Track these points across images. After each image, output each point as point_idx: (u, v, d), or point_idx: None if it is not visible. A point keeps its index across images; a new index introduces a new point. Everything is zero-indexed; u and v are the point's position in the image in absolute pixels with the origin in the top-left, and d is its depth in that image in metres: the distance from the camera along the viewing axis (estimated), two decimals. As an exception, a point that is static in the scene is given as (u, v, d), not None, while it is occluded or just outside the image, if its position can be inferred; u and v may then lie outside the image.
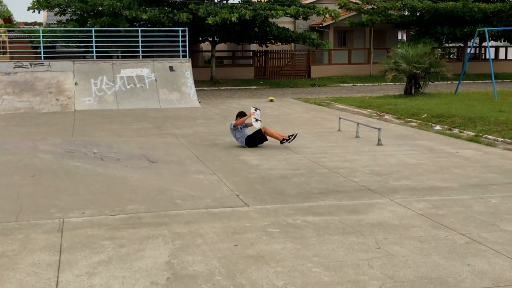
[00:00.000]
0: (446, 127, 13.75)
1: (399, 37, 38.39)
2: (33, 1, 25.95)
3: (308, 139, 12.05)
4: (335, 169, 9.05)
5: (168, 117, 16.20)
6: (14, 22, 37.03)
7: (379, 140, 11.45)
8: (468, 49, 29.70)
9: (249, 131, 11.40)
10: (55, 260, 5.19)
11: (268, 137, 11.25)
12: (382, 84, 28.89)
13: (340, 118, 13.66)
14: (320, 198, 7.32)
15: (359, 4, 31.91)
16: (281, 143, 11.25)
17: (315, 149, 10.85)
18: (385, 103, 18.40)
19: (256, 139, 11.22)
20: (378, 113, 16.78)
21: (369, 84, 29.71)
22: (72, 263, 5.13)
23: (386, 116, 16.10)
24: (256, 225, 6.19)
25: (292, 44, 32.33)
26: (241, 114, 11.32)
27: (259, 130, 11.18)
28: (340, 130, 13.31)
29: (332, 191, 7.68)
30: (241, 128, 11.30)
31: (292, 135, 11.29)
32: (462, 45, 34.76)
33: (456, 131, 13.20)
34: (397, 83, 26.60)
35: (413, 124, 14.57)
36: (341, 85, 29.70)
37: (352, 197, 7.40)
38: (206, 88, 26.78)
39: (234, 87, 28.17)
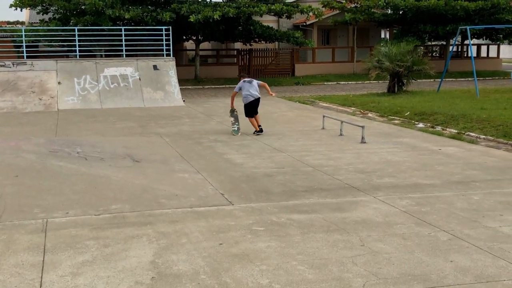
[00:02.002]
0: (429, 124, 13.86)
1: (382, 36, 38.58)
2: (15, -1, 25.70)
3: (292, 137, 12.08)
4: (319, 167, 9.08)
5: (152, 116, 16.14)
6: (-4, 21, 36.62)
7: (362, 138, 11.51)
8: (451, 47, 29.98)
9: (250, 95, 12.78)
10: (39, 261, 5.16)
11: (249, 120, 12.91)
12: (366, 82, 29.04)
13: (324, 116, 13.70)
14: (305, 196, 7.35)
15: (342, 2, 32.00)
16: (254, 132, 12.69)
17: (299, 147, 10.88)
18: (368, 101, 18.49)
19: (251, 110, 12.88)
20: (362, 111, 16.86)
21: (352, 82, 29.83)
22: (56, 264, 5.09)
23: (370, 114, 16.19)
24: (241, 224, 6.19)
25: (276, 42, 32.34)
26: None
27: (255, 103, 12.84)
28: (324, 128, 13.35)
29: (316, 189, 7.71)
30: (250, 83, 12.89)
31: (261, 128, 12.76)
32: (444, 43, 35.03)
33: (438, 128, 13.31)
34: (380, 81, 26.75)
35: (396, 122, 14.66)
36: (325, 83, 29.79)
37: (336, 195, 7.43)
38: (190, 87, 26.72)
39: (218, 86, 28.13)
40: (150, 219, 6.39)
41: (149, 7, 27.15)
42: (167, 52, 20.80)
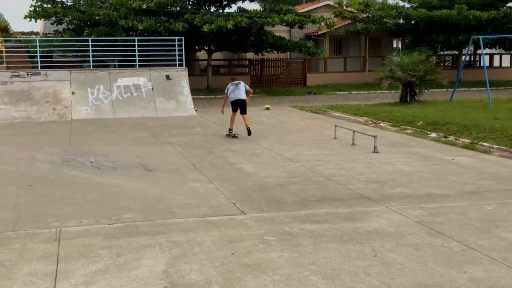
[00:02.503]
0: (441, 134, 13.79)
1: (394, 45, 38.54)
2: (30, 10, 26.00)
3: (304, 147, 12.07)
4: (332, 177, 9.06)
5: (165, 125, 16.21)
6: (11, 32, 37.04)
7: (375, 147, 11.47)
8: (463, 57, 29.86)
9: (237, 94, 14.03)
10: (52, 270, 5.18)
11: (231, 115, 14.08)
12: (378, 92, 28.98)
13: (336, 126, 13.69)
14: (317, 206, 7.33)
15: (354, 12, 32.03)
16: (227, 132, 13.99)
17: (312, 157, 10.87)
18: (380, 111, 18.44)
19: (235, 106, 14.16)
20: (374, 120, 16.82)
21: (364, 92, 29.79)
22: (69, 273, 5.11)
23: (382, 124, 16.14)
24: (253, 233, 6.19)
25: (288, 52, 32.41)
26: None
27: (243, 103, 14.11)
28: (336, 137, 13.33)
29: (328, 199, 7.69)
30: (236, 85, 14.14)
31: (232, 134, 13.86)
32: (457, 52, 34.92)
33: (451, 138, 13.24)
34: (392, 91, 26.66)
35: (409, 131, 14.61)
36: (337, 93, 29.77)
37: (348, 204, 7.41)
38: (202, 97, 26.81)
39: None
40: (162, 228, 6.40)
41: (162, 17, 27.35)
42: (180, 62, 20.91)
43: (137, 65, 20.87)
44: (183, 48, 20.91)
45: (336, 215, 6.90)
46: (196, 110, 19.68)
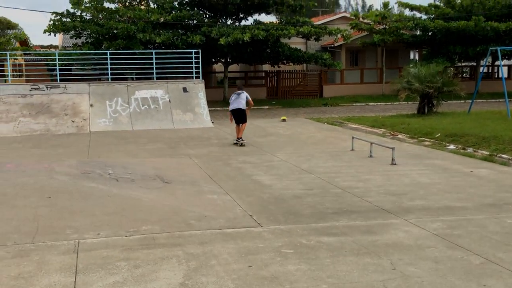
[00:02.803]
0: (460, 146, 13.67)
1: (411, 57, 38.40)
2: (49, 24, 26.38)
3: (321, 159, 12.04)
4: (349, 189, 9.02)
5: (182, 137, 16.28)
6: (30, 45, 37.54)
7: (392, 159, 11.41)
8: (481, 68, 29.63)
9: (237, 103, 14.69)
10: (71, 282, 5.21)
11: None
12: (395, 103, 28.85)
13: (353, 138, 13.64)
14: (334, 218, 7.29)
15: (370, 24, 32.02)
16: (236, 141, 14.48)
17: (329, 169, 10.83)
18: (398, 123, 18.35)
19: (235, 117, 14.80)
20: (392, 132, 16.73)
21: (381, 104, 29.68)
22: (87, 284, 5.14)
23: (400, 136, 16.05)
24: (270, 246, 6.17)
25: (304, 64, 32.45)
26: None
27: (241, 113, 14.68)
28: (353, 149, 13.28)
29: (346, 211, 7.65)
30: (238, 95, 14.78)
31: (240, 142, 14.35)
32: (474, 64, 34.67)
33: (470, 150, 13.11)
34: (410, 102, 26.55)
35: (427, 143, 14.51)
36: (354, 104, 29.69)
37: (366, 217, 7.36)
38: (219, 108, 26.90)
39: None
40: (179, 240, 6.41)
41: (179, 30, 27.59)
42: (197, 75, 21.03)
43: (155, 78, 21.04)
44: (200, 60, 21.04)
45: (354, 228, 6.86)
46: (212, 122, 19.75)
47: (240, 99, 14.83)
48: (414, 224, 6.98)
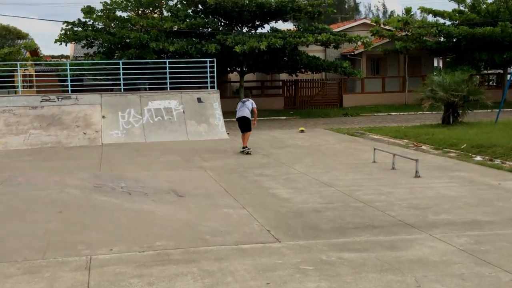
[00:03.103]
0: (487, 157, 13.55)
1: (435, 64, 38.23)
2: (60, 33, 26.73)
3: (342, 171, 12.01)
4: (371, 203, 8.98)
5: (196, 149, 16.35)
6: (41, 55, 38.05)
7: (416, 171, 11.35)
8: (508, 76, 29.39)
9: (242, 112, 15.42)
10: (83, 299, 5.23)
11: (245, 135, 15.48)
12: (418, 113, 28.71)
13: (374, 149, 13.60)
14: (355, 234, 7.26)
15: (392, 31, 31.97)
16: (242, 149, 15.26)
17: (349, 182, 10.80)
18: (422, 133, 18.26)
19: (240, 126, 15.57)
20: (415, 143, 16.65)
21: (404, 113, 29.56)
22: (99, 302, 5.16)
23: (423, 147, 15.97)
24: (289, 262, 6.16)
25: (323, 72, 32.47)
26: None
27: (245, 121, 15.43)
28: (375, 161, 13.23)
29: (368, 226, 7.62)
30: (243, 103, 15.51)
31: (246, 150, 15.07)
32: (501, 71, 34.41)
33: (497, 161, 12.99)
34: (434, 112, 26.37)
35: (452, 154, 14.41)
36: (375, 114, 29.60)
37: (389, 232, 7.32)
38: (234, 119, 26.94)
39: (263, 118, 28.32)
40: (194, 256, 6.42)
41: (194, 39, 27.75)
42: (212, 84, 21.14)
43: (168, 88, 21.18)
44: (215, 69, 21.15)
45: (376, 243, 6.82)
46: (228, 133, 19.81)
47: (244, 107, 15.46)
48: (439, 239, 6.92)
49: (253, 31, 29.76)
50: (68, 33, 26.74)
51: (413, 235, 7.17)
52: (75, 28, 27.14)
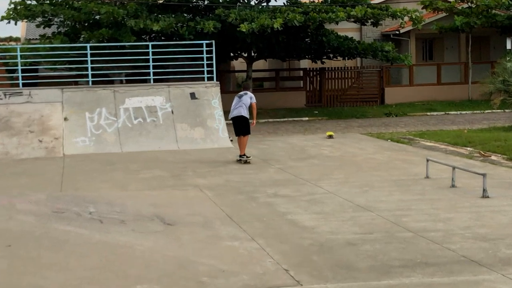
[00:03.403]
0: None
1: (508, 46, 38.08)
2: (8, 8, 26.69)
3: (384, 190, 11.98)
4: (423, 232, 8.95)
5: (190, 161, 16.37)
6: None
7: (484, 190, 11.31)
8: None
9: (237, 110, 15.87)
10: None
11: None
12: (487, 111, 28.63)
13: (427, 161, 13.57)
14: (403, 274, 7.24)
15: (450, 2, 31.92)
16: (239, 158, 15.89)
17: (394, 204, 10.77)
18: (491, 139, 18.19)
19: (236, 127, 16.10)
20: (482, 152, 16.60)
21: (467, 112, 29.47)
22: None
23: (493, 157, 15.92)
24: (314, 313, 6.15)
25: (358, 58, 32.42)
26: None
27: (242, 121, 15.89)
28: (428, 177, 13.21)
29: (419, 264, 7.60)
30: (240, 98, 15.91)
31: (244, 159, 15.71)
32: None
33: None
34: (507, 111, 26.30)
35: (532, 167, 14.38)
36: (428, 114, 29.54)
37: (448, 271, 7.30)
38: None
39: (278, 119, 28.34)
40: (187, 305, 6.43)
41: (185, 14, 27.73)
42: (209, 75, 21.12)
43: (152, 80, 21.20)
44: (214, 55, 21.14)
45: (432, 287, 6.79)
46: (231, 140, 19.80)
47: (241, 103, 15.96)
48: (516, 282, 6.91)
49: (264, 4, 29.79)
50: (19, 8, 26.76)
51: (481, 275, 7.14)
52: (28, 2, 27.19)
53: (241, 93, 16.27)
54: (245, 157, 15.72)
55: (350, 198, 11.38)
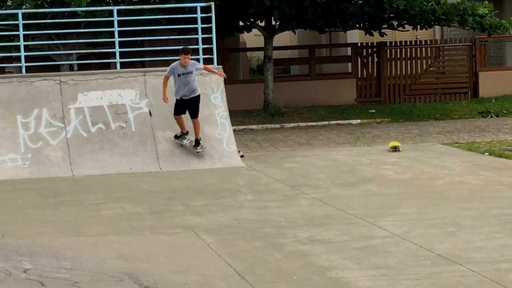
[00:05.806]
0: None
1: None
2: None
3: (480, 231, 11.97)
4: (542, 297, 8.93)
5: (178, 190, 16.40)
6: None
7: None
8: None
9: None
10: None
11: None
12: None
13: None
14: None
15: None
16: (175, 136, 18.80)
17: (496, 254, 10.73)
18: None
19: (177, 107, 18.89)
20: None
21: None
22: None
23: None
24: None
25: (437, 28, 32.41)
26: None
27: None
28: (547, 210, 13.20)
29: None
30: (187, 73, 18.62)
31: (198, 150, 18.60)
32: None
33: None
34: None
35: None
36: (546, 112, 29.55)
37: None
38: (255, 127, 27.00)
39: (314, 123, 28.31)
40: None
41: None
42: (207, 56, 21.14)
43: (118, 64, 21.16)
44: (214, 25, 21.14)
45: None
46: (242, 156, 19.82)
47: (190, 78, 18.88)
48: None
49: None
50: None
51: None
52: None
53: (188, 63, 18.48)
54: (199, 147, 17.56)
55: (427, 244, 11.35)
